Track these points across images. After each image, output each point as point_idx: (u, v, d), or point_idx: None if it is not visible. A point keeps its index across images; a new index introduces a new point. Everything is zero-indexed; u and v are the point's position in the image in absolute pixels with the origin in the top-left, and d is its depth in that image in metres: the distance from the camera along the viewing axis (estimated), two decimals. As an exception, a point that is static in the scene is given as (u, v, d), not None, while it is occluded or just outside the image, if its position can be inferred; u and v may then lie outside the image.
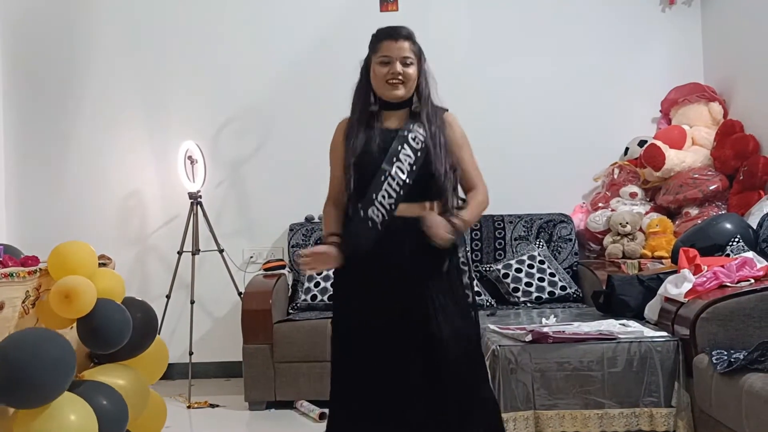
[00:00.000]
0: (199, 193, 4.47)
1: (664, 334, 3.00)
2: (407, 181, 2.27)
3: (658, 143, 4.40)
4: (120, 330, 2.49)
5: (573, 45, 4.77)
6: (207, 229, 4.48)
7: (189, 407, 4.07)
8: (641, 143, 4.56)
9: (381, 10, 4.83)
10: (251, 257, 4.81)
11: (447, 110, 2.41)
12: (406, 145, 2.29)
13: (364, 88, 2.39)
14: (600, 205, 4.56)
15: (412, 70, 2.33)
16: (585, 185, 4.78)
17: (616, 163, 4.66)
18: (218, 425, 3.83)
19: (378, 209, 2.26)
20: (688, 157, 4.39)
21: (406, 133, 2.31)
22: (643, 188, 4.55)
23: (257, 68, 4.83)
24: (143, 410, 2.70)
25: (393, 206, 2.27)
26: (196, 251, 4.40)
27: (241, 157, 4.84)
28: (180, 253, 4.41)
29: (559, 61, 4.74)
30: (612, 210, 4.44)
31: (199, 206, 4.46)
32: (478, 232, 4.52)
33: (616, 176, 4.59)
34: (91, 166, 4.85)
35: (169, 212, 4.81)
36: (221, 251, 4.46)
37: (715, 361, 2.63)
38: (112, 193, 4.85)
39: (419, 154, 2.29)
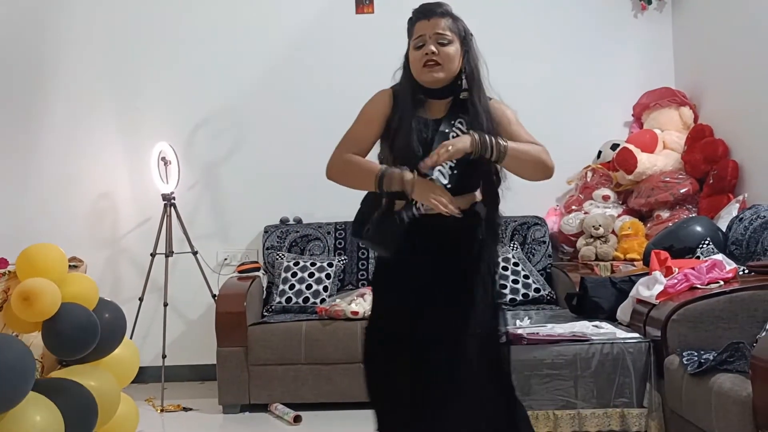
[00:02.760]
0: (173, 195, 4.43)
1: (636, 335, 3.03)
2: (448, 185, 2.03)
3: (630, 147, 4.45)
4: (85, 336, 2.42)
5: (545, 49, 4.79)
6: (180, 231, 4.44)
7: (162, 411, 4.02)
8: (614, 147, 4.61)
9: (356, 12, 4.83)
10: (225, 259, 4.77)
11: (491, 99, 2.16)
12: None
13: (407, 78, 2.12)
14: (573, 207, 4.60)
15: (451, 50, 2.06)
16: (558, 188, 4.80)
17: (589, 166, 4.70)
18: (191, 429, 3.79)
19: (415, 212, 2.04)
20: (660, 160, 4.44)
21: (447, 131, 2.05)
22: (616, 191, 4.60)
23: (232, 69, 4.79)
24: (114, 413, 2.66)
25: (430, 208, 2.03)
26: (169, 253, 4.35)
27: (216, 159, 4.80)
28: (153, 255, 4.36)
29: (531, 65, 4.72)
30: (585, 213, 4.48)
31: (172, 208, 4.42)
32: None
33: (589, 179, 4.64)
34: (63, 166, 4.77)
35: (142, 214, 4.76)
36: (195, 253, 4.42)
37: (685, 362, 2.66)
38: (84, 194, 4.77)
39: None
